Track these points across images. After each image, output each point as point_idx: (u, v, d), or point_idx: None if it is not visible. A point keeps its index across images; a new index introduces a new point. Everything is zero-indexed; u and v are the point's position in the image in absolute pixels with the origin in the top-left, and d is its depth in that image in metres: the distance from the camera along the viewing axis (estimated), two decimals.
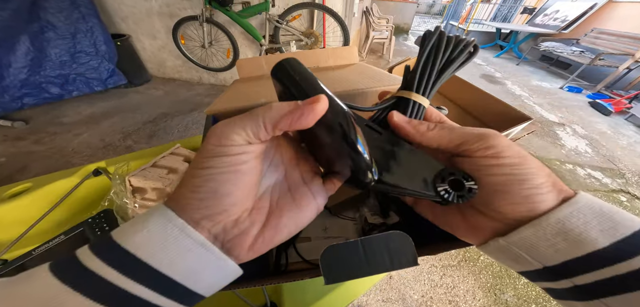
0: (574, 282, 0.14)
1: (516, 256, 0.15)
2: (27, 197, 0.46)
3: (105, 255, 0.12)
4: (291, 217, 0.16)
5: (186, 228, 0.13)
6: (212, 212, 0.13)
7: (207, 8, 1.71)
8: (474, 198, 0.16)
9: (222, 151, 0.13)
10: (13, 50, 1.51)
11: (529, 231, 0.14)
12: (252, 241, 0.15)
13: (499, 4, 5.85)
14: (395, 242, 0.18)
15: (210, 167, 0.13)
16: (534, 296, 0.99)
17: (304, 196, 0.17)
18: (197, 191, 0.13)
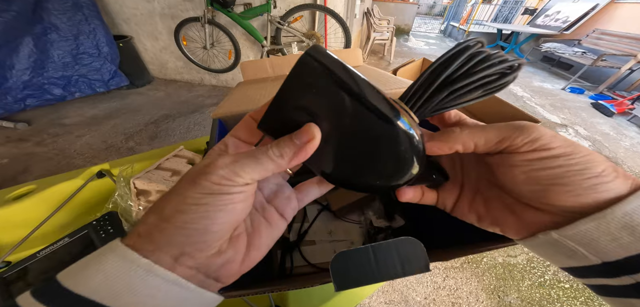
0: (637, 279, 0.13)
1: (570, 251, 0.14)
2: (31, 199, 0.46)
3: (56, 302, 0.11)
4: (267, 235, 0.17)
5: (154, 268, 0.12)
6: (195, 248, 0.13)
7: (209, 9, 1.71)
8: (525, 189, 0.15)
9: (222, 190, 0.13)
10: (16, 51, 1.52)
11: (591, 225, 0.13)
12: (239, 267, 0.15)
13: (499, 5, 5.85)
14: (407, 248, 0.18)
15: (206, 204, 0.13)
16: (538, 298, 0.98)
17: (272, 214, 0.18)
18: (186, 227, 0.13)
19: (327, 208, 0.47)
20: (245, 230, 0.16)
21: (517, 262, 1.11)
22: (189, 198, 0.13)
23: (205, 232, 0.13)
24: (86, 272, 0.12)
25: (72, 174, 0.51)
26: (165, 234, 0.13)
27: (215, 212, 0.13)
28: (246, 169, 0.14)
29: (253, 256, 0.16)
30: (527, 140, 0.14)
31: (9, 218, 0.44)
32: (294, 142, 0.14)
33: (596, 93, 2.92)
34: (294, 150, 0.14)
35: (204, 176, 0.13)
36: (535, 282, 1.04)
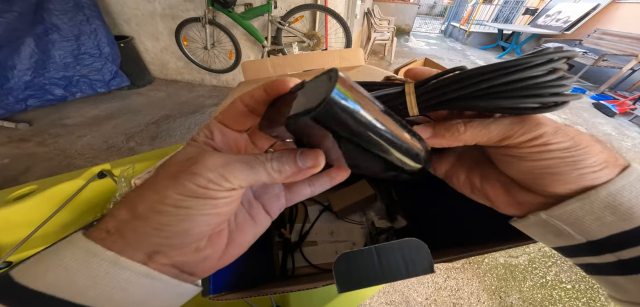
0: (619, 256, 0.13)
1: (558, 230, 0.15)
2: (32, 199, 0.46)
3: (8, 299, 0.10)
4: (250, 233, 0.16)
5: (120, 260, 0.11)
6: (171, 248, 0.12)
7: (210, 10, 1.72)
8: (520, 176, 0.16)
9: (208, 194, 0.12)
10: (18, 52, 1.52)
11: (576, 205, 0.14)
12: (215, 263, 0.15)
13: (500, 5, 5.84)
14: (411, 250, 0.18)
15: (189, 208, 0.12)
16: (539, 299, 0.98)
17: (258, 211, 0.17)
18: (164, 229, 0.12)
19: (328, 209, 0.47)
20: (228, 226, 0.15)
21: (519, 263, 1.10)
22: (169, 198, 0.11)
23: (185, 235, 0.12)
24: (42, 266, 0.11)
25: (73, 174, 0.51)
26: (138, 233, 0.12)
27: (198, 217, 0.12)
28: (237, 175, 0.12)
29: (232, 253, 0.15)
30: (529, 137, 0.14)
31: (10, 218, 0.44)
32: (297, 163, 0.13)
33: (597, 93, 2.91)
34: (294, 171, 0.13)
35: (189, 176, 0.12)
36: (537, 282, 1.03)
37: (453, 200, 0.34)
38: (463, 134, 0.16)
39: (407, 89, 0.17)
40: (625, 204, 0.13)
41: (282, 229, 0.42)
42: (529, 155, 0.15)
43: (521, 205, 0.16)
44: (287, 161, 0.13)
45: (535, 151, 0.14)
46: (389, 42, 3.32)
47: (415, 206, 0.44)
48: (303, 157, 0.13)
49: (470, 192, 0.19)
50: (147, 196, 0.12)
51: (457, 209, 0.34)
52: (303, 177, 0.14)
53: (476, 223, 0.29)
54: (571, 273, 1.06)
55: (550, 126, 0.14)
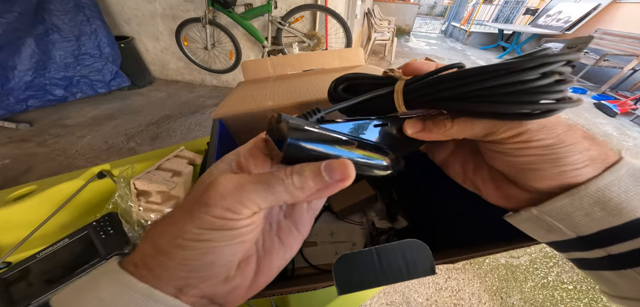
0: (609, 252, 0.13)
1: (548, 226, 0.15)
2: (32, 199, 0.46)
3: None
4: (279, 258, 0.15)
5: (153, 293, 0.11)
6: (200, 280, 0.12)
7: (210, 10, 1.72)
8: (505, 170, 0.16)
9: (227, 225, 0.11)
10: (18, 52, 1.52)
11: (565, 201, 0.14)
12: (245, 292, 0.14)
13: (501, 5, 5.83)
14: (412, 251, 0.17)
15: (210, 241, 0.11)
16: (541, 300, 0.97)
17: (289, 231, 0.16)
18: (188, 264, 0.11)
19: (328, 209, 0.47)
20: (256, 252, 0.15)
21: (520, 263, 1.10)
22: (188, 233, 0.11)
23: (211, 267, 0.12)
24: (81, 297, 0.11)
25: (73, 174, 0.50)
26: (165, 268, 0.11)
27: (220, 249, 0.12)
28: (253, 198, 0.11)
29: (261, 282, 0.15)
30: (511, 134, 0.14)
31: (10, 219, 0.44)
32: (323, 177, 0.12)
33: (599, 93, 2.91)
34: (320, 186, 0.12)
35: (203, 208, 0.11)
36: (538, 283, 1.03)
37: (454, 200, 0.34)
38: (449, 129, 0.16)
39: (397, 87, 0.18)
40: (614, 200, 0.13)
41: None
42: (511, 150, 0.15)
43: (508, 198, 0.17)
44: (311, 174, 0.12)
45: (517, 147, 0.15)
46: (389, 42, 3.32)
47: (416, 207, 0.44)
48: (329, 169, 0.12)
49: (462, 181, 0.20)
50: (167, 231, 0.12)
51: (458, 210, 0.33)
52: (330, 193, 0.12)
53: (477, 224, 0.28)
54: (573, 274, 1.05)
55: (535, 123, 0.14)
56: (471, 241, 0.28)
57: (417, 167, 0.43)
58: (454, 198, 0.34)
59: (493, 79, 0.13)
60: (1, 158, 1.41)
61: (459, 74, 0.15)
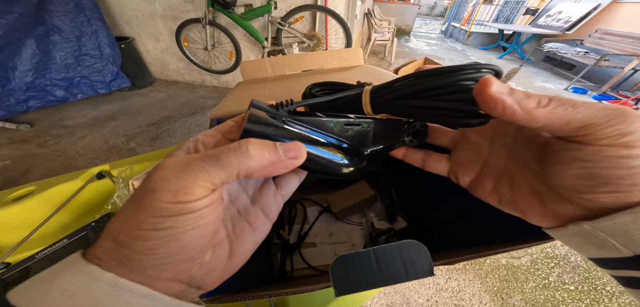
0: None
1: (601, 242, 0.13)
2: (31, 200, 0.46)
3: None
4: (250, 241, 0.16)
5: (120, 282, 0.11)
6: (175, 266, 0.12)
7: (210, 11, 1.72)
8: (559, 183, 0.14)
9: (182, 209, 0.11)
10: (19, 53, 1.52)
11: (627, 218, 0.12)
12: (220, 274, 0.14)
13: (501, 5, 5.83)
14: (410, 252, 0.17)
15: (171, 227, 0.11)
16: (542, 300, 0.97)
17: (257, 216, 0.16)
18: (155, 253, 0.11)
19: (327, 210, 0.47)
20: (227, 237, 0.15)
21: (521, 264, 1.10)
22: (144, 223, 0.11)
23: (181, 252, 0.12)
24: (40, 288, 0.10)
25: (72, 175, 0.50)
26: (131, 259, 0.11)
27: (184, 233, 0.11)
28: (202, 176, 0.11)
29: (235, 263, 0.15)
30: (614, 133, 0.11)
31: (9, 219, 0.44)
32: (278, 153, 0.13)
33: (599, 93, 2.90)
34: (273, 159, 0.12)
35: (150, 195, 0.11)
36: (540, 284, 1.02)
37: (454, 201, 0.34)
38: (537, 109, 0.12)
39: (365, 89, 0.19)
40: None
41: (280, 230, 0.42)
42: (604, 159, 0.12)
43: (556, 217, 0.15)
44: (266, 147, 0.12)
45: (612, 155, 0.12)
46: (389, 42, 3.32)
47: (416, 207, 0.44)
48: (287, 148, 0.13)
49: (498, 203, 0.17)
50: (124, 226, 0.11)
51: (458, 211, 0.33)
52: (282, 170, 0.13)
53: (477, 224, 0.28)
54: (574, 274, 1.05)
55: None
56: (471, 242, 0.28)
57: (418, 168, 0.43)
58: (453, 199, 0.34)
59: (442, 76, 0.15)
60: (1, 159, 1.41)
61: (415, 74, 0.17)
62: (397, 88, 0.17)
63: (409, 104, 0.17)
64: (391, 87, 0.18)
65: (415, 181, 0.43)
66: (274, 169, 0.13)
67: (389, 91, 0.18)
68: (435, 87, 0.15)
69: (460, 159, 0.19)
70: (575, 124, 0.12)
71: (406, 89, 0.17)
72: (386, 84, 0.18)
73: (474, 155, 0.19)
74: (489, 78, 0.13)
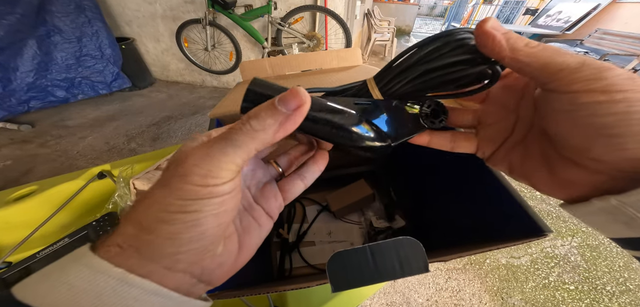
0: None
1: (629, 219, 0.11)
2: (32, 200, 0.46)
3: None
4: (257, 236, 0.16)
5: (128, 278, 0.11)
6: (191, 257, 0.12)
7: (210, 11, 1.72)
8: (572, 146, 0.13)
9: (210, 192, 0.11)
10: (20, 54, 1.53)
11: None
12: (230, 268, 0.15)
13: (500, 5, 5.83)
14: (405, 249, 0.18)
15: (196, 211, 0.11)
16: (542, 300, 0.97)
17: (260, 214, 0.17)
18: (176, 238, 0.11)
19: (326, 209, 0.47)
20: (236, 231, 0.15)
21: (521, 264, 1.10)
22: (172, 206, 0.11)
23: (201, 239, 0.12)
24: (46, 284, 0.10)
25: (73, 175, 0.51)
26: (152, 246, 0.11)
27: (207, 218, 0.11)
28: (226, 159, 0.11)
29: (244, 256, 0.15)
30: (589, 77, 0.11)
31: (10, 219, 0.45)
32: (278, 109, 0.12)
33: None
34: (279, 120, 0.12)
35: (182, 179, 0.11)
36: (540, 283, 1.02)
37: (452, 200, 0.34)
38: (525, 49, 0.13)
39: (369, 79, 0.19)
40: None
41: (280, 230, 0.42)
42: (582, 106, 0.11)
43: (566, 185, 0.14)
44: (266, 111, 0.12)
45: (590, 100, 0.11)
46: (389, 43, 3.32)
47: (414, 206, 0.44)
48: (283, 100, 0.12)
49: (508, 171, 0.18)
50: (149, 209, 0.11)
51: (454, 210, 0.34)
52: (292, 125, 0.12)
53: (473, 223, 0.28)
54: (574, 274, 1.05)
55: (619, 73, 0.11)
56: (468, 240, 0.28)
57: (416, 167, 0.43)
58: (451, 198, 0.34)
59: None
60: (3, 159, 1.41)
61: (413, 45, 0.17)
62: (400, 63, 0.17)
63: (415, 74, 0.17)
64: (393, 65, 0.18)
65: (414, 180, 0.43)
66: (284, 129, 0.12)
67: (392, 70, 0.18)
68: (435, 49, 0.15)
69: (488, 134, 0.19)
70: (552, 68, 0.12)
71: (408, 60, 0.17)
72: (386, 65, 0.18)
73: (500, 128, 0.18)
74: (489, 17, 0.14)
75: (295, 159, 0.19)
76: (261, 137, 0.12)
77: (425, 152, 0.22)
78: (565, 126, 0.13)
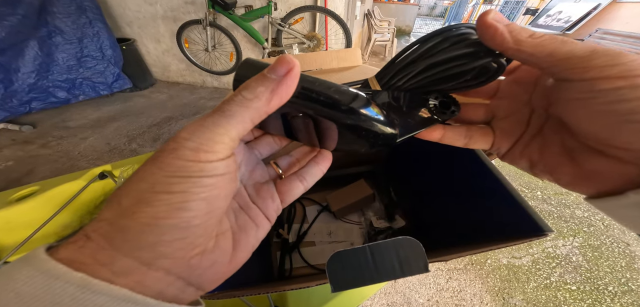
0: None
1: None
2: (34, 200, 0.46)
3: None
4: (253, 236, 0.15)
5: (91, 283, 0.09)
6: (174, 248, 0.10)
7: (211, 12, 1.73)
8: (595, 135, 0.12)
9: (201, 169, 0.10)
10: (22, 55, 1.53)
11: None
12: (225, 269, 0.13)
13: (500, 5, 5.82)
14: (405, 249, 0.18)
15: (184, 192, 0.10)
16: (543, 300, 0.97)
17: (257, 214, 0.16)
18: (159, 224, 0.10)
19: (326, 209, 0.47)
20: (231, 228, 0.14)
21: (522, 264, 1.09)
22: (158, 184, 0.10)
23: (186, 228, 0.10)
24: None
25: (75, 175, 0.51)
26: (128, 234, 0.10)
27: (196, 202, 0.10)
28: (221, 132, 0.11)
29: (240, 257, 0.14)
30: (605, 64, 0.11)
31: (12, 219, 0.45)
32: (268, 76, 0.12)
33: None
34: (270, 86, 0.12)
35: (172, 153, 0.10)
36: (541, 283, 1.02)
37: (452, 200, 0.34)
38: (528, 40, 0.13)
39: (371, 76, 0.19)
40: None
41: (280, 230, 0.42)
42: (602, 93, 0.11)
43: (591, 177, 0.13)
44: (257, 81, 0.12)
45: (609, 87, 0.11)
46: (389, 43, 3.32)
47: (414, 206, 0.44)
48: (273, 68, 0.12)
49: (529, 168, 0.16)
50: (134, 188, 0.10)
51: (454, 209, 0.33)
52: (286, 91, 0.12)
53: (474, 223, 0.28)
54: (576, 274, 1.05)
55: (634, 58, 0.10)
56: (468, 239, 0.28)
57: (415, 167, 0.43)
58: (451, 197, 0.34)
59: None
60: (5, 160, 1.42)
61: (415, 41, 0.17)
62: (402, 59, 0.17)
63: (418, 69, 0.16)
64: (395, 61, 0.17)
65: (415, 180, 0.43)
66: (278, 97, 0.12)
67: (394, 66, 0.17)
68: (437, 44, 0.15)
69: (503, 128, 0.18)
70: (559, 56, 0.12)
71: (410, 55, 0.17)
72: (388, 63, 0.18)
73: (515, 121, 0.17)
74: (490, 9, 0.14)
75: (297, 161, 0.18)
76: (254, 105, 0.11)
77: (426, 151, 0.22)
78: (584, 115, 0.12)
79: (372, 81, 0.18)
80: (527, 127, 0.17)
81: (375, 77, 0.18)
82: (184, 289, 0.11)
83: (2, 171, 1.36)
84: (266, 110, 0.12)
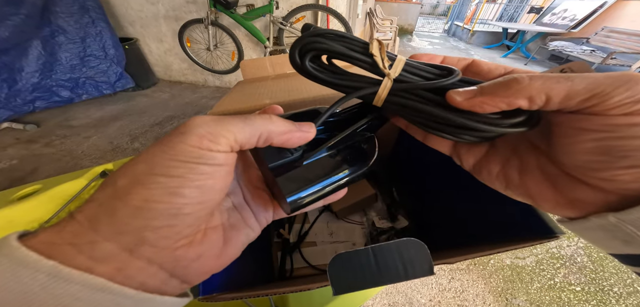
0: None
1: (628, 237, 0.11)
2: (36, 198, 0.46)
3: None
4: (245, 234, 0.16)
5: (62, 271, 0.08)
6: (159, 235, 0.10)
7: (212, 11, 1.73)
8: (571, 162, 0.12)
9: (204, 157, 0.10)
10: (25, 54, 1.55)
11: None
12: (213, 263, 0.13)
13: (505, 3, 5.76)
14: (409, 251, 0.17)
15: (180, 177, 0.10)
16: (547, 301, 0.96)
17: (249, 215, 0.17)
18: (149, 207, 0.09)
19: (328, 209, 0.47)
20: (222, 225, 0.14)
21: (526, 264, 1.08)
22: (158, 166, 0.10)
23: (176, 216, 0.10)
24: None
25: (77, 174, 0.51)
26: (115, 217, 0.09)
27: (189, 189, 0.10)
28: (230, 128, 0.11)
29: (229, 253, 0.14)
30: (629, 100, 0.10)
31: (14, 218, 0.45)
32: (294, 125, 0.15)
33: None
34: (291, 129, 0.14)
35: (180, 137, 0.10)
36: (545, 284, 1.01)
37: (456, 199, 0.33)
38: (529, 85, 0.11)
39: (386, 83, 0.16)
40: None
41: (280, 229, 0.42)
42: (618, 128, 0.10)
43: (574, 204, 0.13)
44: (286, 122, 0.14)
45: (627, 123, 0.10)
46: (391, 42, 3.30)
47: (417, 206, 0.44)
48: (300, 124, 0.15)
49: (505, 188, 0.16)
50: (132, 168, 0.10)
51: (459, 209, 0.33)
52: (296, 141, 0.15)
53: (479, 223, 0.28)
54: (580, 275, 1.03)
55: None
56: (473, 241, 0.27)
57: (418, 166, 0.43)
58: (455, 197, 0.34)
59: None
60: (9, 159, 1.43)
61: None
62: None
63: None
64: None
65: (417, 180, 0.42)
66: (290, 138, 0.14)
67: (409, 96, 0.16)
68: None
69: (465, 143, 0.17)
70: (578, 97, 0.11)
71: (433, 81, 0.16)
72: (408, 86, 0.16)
73: None
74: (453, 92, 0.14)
75: None
76: (272, 129, 0.13)
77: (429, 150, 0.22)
78: (584, 146, 0.12)
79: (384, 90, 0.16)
80: (493, 144, 0.17)
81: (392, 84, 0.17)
82: (167, 281, 0.11)
83: (6, 169, 1.37)
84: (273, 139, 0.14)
